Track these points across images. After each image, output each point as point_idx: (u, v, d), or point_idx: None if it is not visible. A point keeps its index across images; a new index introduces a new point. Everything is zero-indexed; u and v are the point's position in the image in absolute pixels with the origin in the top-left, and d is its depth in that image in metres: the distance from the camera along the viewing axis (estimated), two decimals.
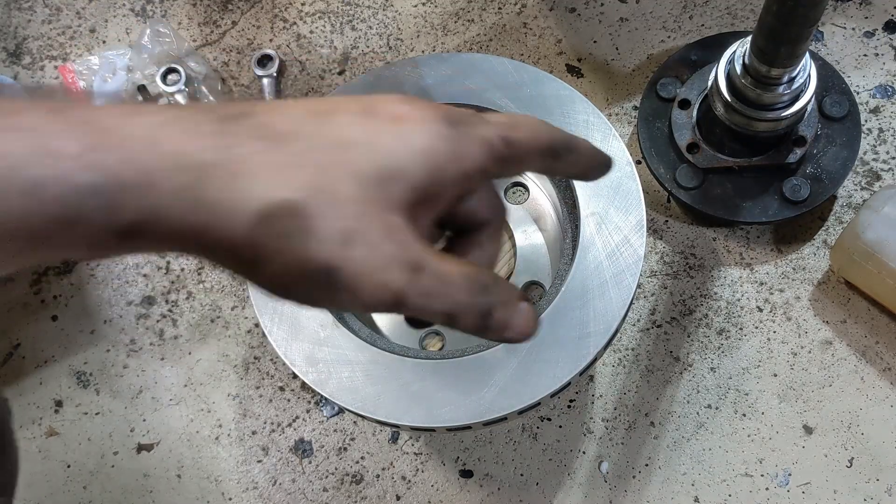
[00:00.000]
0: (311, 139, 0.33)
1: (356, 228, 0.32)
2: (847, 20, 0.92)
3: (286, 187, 0.31)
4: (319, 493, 0.81)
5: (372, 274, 0.32)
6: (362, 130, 0.34)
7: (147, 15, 1.01)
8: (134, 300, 0.89)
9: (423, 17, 0.97)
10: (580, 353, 0.66)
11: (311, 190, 0.32)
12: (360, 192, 0.32)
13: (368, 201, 0.32)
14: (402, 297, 0.33)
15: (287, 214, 0.31)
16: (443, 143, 0.34)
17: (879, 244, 0.75)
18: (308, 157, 0.32)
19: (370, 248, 0.32)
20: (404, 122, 0.34)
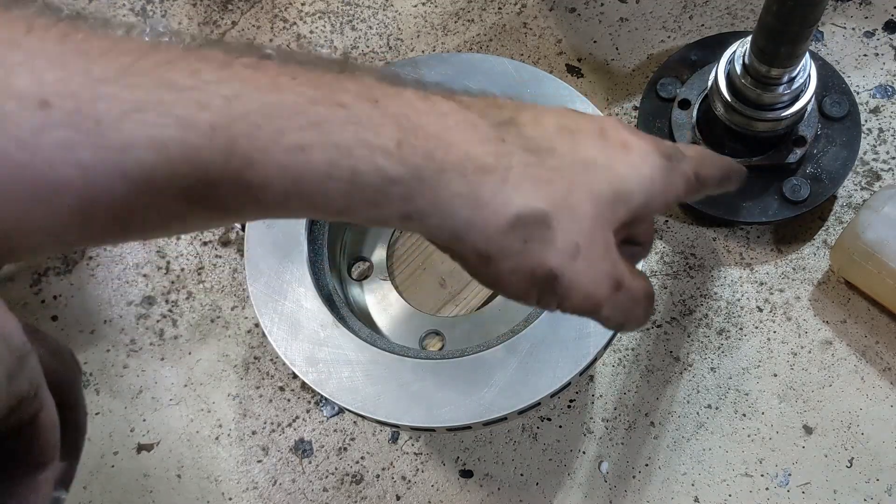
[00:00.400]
0: (563, 157, 0.38)
1: (584, 244, 0.37)
2: (847, 20, 0.92)
3: (540, 198, 0.36)
4: (319, 493, 0.81)
5: (585, 287, 0.38)
6: (602, 153, 0.39)
7: (147, 15, 1.01)
8: (134, 300, 0.89)
9: (423, 17, 0.97)
10: (580, 353, 0.66)
11: (559, 204, 0.37)
12: (594, 211, 0.37)
13: (598, 219, 0.38)
14: (599, 308, 0.39)
15: (536, 222, 0.36)
16: (659, 175, 0.40)
17: (879, 244, 0.75)
18: (560, 175, 0.37)
19: (591, 263, 0.37)
20: (631, 150, 0.39)
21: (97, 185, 0.30)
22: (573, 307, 0.38)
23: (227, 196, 0.32)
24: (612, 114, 0.91)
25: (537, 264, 0.36)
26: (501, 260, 0.36)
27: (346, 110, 0.33)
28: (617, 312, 0.39)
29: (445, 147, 0.35)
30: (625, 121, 0.90)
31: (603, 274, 0.38)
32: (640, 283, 0.40)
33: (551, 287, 0.37)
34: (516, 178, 0.36)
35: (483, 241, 0.36)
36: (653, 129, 0.85)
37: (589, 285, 0.38)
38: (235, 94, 0.32)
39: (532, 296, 0.38)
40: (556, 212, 0.36)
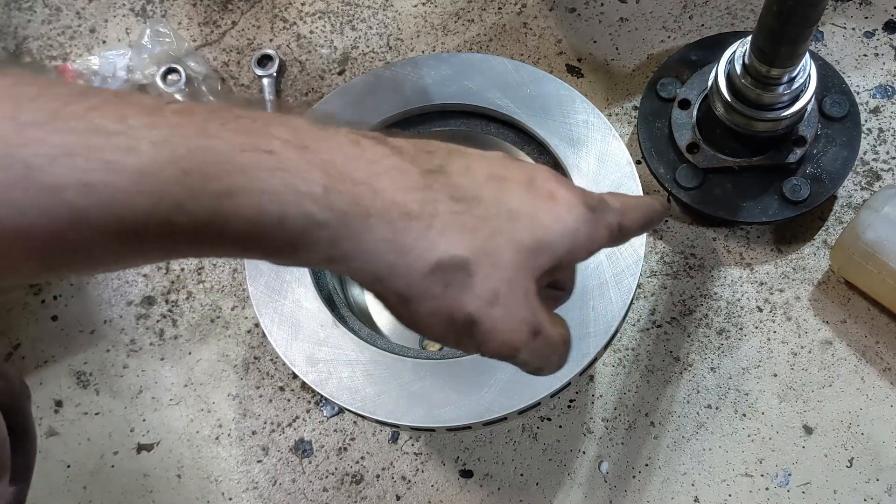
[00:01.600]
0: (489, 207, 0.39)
1: (503, 291, 0.38)
2: (847, 20, 0.92)
3: (462, 246, 0.37)
4: (319, 493, 0.81)
5: (503, 333, 0.38)
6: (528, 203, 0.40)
7: (147, 15, 1.01)
8: (134, 300, 0.89)
9: (423, 17, 0.97)
10: (580, 353, 0.66)
11: (481, 252, 0.38)
12: (516, 259, 0.38)
13: (519, 268, 0.39)
14: (517, 354, 0.39)
15: (457, 268, 0.37)
16: (583, 227, 0.41)
17: (879, 244, 0.75)
18: (484, 223, 0.38)
19: (509, 309, 0.38)
20: (558, 201, 0.40)
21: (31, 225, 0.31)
22: (491, 351, 0.39)
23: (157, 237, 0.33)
24: (612, 114, 0.91)
25: (456, 309, 0.37)
26: (421, 302, 0.37)
27: (275, 157, 0.34)
28: (534, 358, 0.40)
29: (372, 194, 0.36)
30: (624, 121, 0.90)
31: (521, 321, 0.39)
32: (557, 330, 0.41)
33: (469, 332, 0.38)
34: (440, 226, 0.37)
35: (404, 284, 0.37)
36: (653, 128, 0.85)
37: (506, 331, 0.39)
38: (164, 139, 0.32)
39: (451, 339, 0.39)
40: (478, 259, 0.37)
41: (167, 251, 0.35)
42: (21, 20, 1.02)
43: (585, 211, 0.41)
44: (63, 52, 1.00)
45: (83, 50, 1.00)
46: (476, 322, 0.38)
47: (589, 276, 0.68)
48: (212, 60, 0.97)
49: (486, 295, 0.38)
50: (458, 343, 0.39)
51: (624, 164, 0.71)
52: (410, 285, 0.37)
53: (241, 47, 0.98)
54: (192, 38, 0.99)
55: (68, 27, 1.01)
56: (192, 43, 0.98)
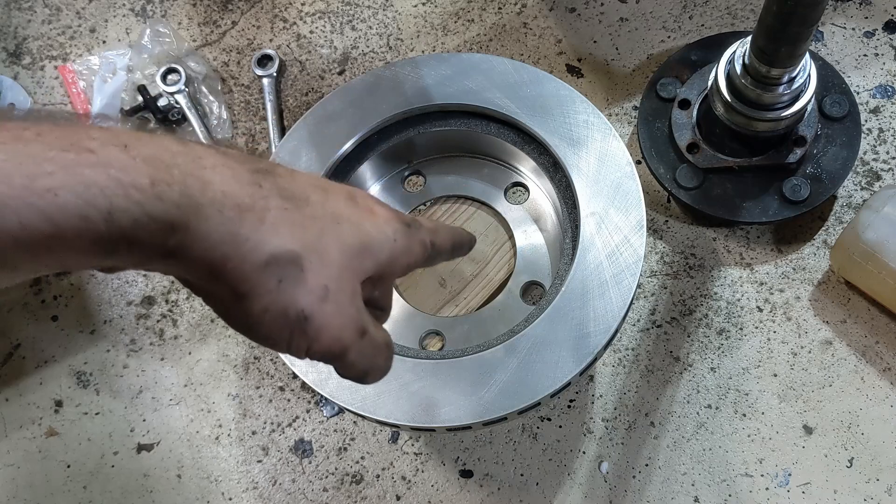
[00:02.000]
0: (316, 208, 0.41)
1: (333, 288, 0.40)
2: (847, 20, 0.92)
3: (294, 241, 0.38)
4: (319, 493, 0.81)
5: (333, 328, 0.40)
6: (352, 212, 0.42)
7: (147, 15, 1.01)
8: (134, 300, 0.89)
9: (423, 17, 0.97)
10: (580, 353, 0.66)
11: (311, 249, 0.39)
12: (342, 259, 0.40)
13: (346, 267, 0.40)
14: (346, 352, 0.41)
15: (290, 262, 0.38)
16: (402, 239, 0.44)
17: (879, 244, 0.75)
18: (313, 222, 0.40)
19: (339, 306, 0.40)
20: (377, 215, 0.44)
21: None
22: (322, 349, 0.40)
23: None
24: (612, 114, 0.91)
25: (290, 303, 0.38)
26: (255, 298, 0.38)
27: (95, 155, 0.34)
28: (361, 358, 0.42)
29: (202, 185, 0.36)
30: (624, 121, 0.90)
31: (349, 318, 0.40)
32: (382, 333, 0.44)
33: (302, 328, 0.39)
34: (273, 220, 0.38)
35: (239, 277, 0.37)
36: (653, 128, 0.85)
37: (337, 328, 0.40)
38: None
39: (283, 337, 0.39)
40: (309, 255, 0.39)
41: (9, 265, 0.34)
42: (21, 20, 1.02)
43: (402, 226, 0.45)
44: (63, 52, 1.00)
45: (83, 50, 1.00)
46: (308, 318, 0.39)
47: (589, 276, 0.68)
48: (212, 60, 0.97)
49: (317, 291, 0.39)
50: (290, 342, 0.40)
51: (624, 164, 0.71)
52: (245, 279, 0.37)
53: (241, 47, 0.98)
54: (192, 38, 0.99)
55: (68, 27, 1.01)
56: (192, 43, 0.98)
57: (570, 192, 0.73)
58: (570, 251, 0.72)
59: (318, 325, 0.39)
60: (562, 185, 0.74)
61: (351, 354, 0.41)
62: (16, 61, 1.00)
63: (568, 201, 0.74)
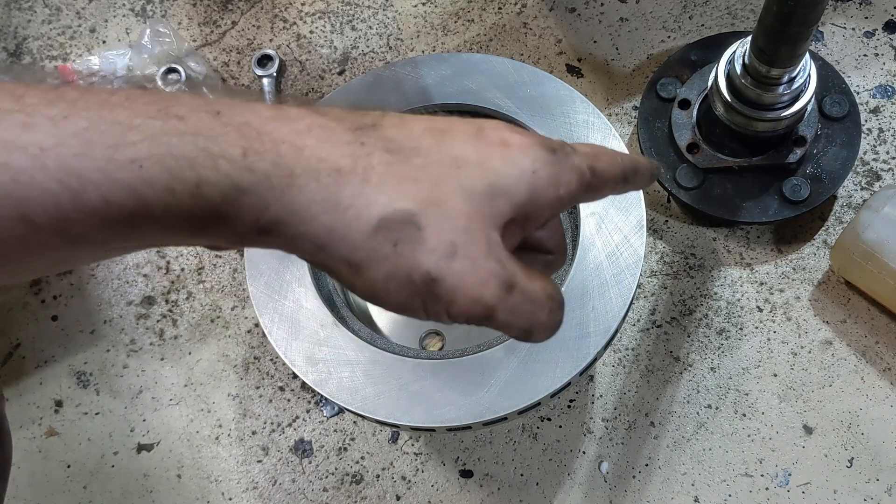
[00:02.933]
0: (429, 155, 0.35)
1: (461, 242, 0.34)
2: (847, 20, 0.92)
3: (405, 198, 0.34)
4: (319, 493, 0.81)
5: (470, 288, 0.34)
6: (474, 150, 0.36)
7: (147, 15, 1.01)
8: (134, 300, 0.89)
9: (423, 17, 0.97)
10: (580, 353, 0.66)
11: (426, 202, 0.34)
12: (468, 208, 0.35)
13: (474, 216, 0.35)
14: (493, 312, 0.35)
15: (403, 223, 0.34)
16: (544, 169, 0.36)
17: (879, 244, 0.75)
18: (426, 172, 0.35)
19: (472, 262, 0.34)
20: (510, 146, 0.36)
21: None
22: (463, 313, 0.35)
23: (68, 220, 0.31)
24: (612, 114, 0.91)
25: (412, 267, 0.34)
26: (372, 267, 0.34)
27: (184, 122, 0.32)
28: (515, 317, 0.36)
29: (295, 151, 0.33)
30: (624, 121, 0.90)
31: (488, 273, 0.35)
32: (538, 283, 0.36)
33: (432, 292, 0.34)
34: (378, 179, 0.34)
35: (349, 248, 0.34)
36: (653, 128, 0.85)
37: (474, 286, 0.35)
38: (63, 114, 0.31)
39: (416, 305, 0.35)
40: (425, 210, 0.34)
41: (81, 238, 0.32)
42: (21, 20, 1.02)
43: (544, 152, 0.37)
44: (63, 52, 1.00)
45: (83, 50, 1.00)
46: (436, 279, 0.34)
47: (589, 276, 0.68)
48: (212, 60, 0.97)
49: (442, 248, 0.34)
50: (426, 309, 0.35)
51: None
52: (356, 248, 0.34)
53: (241, 47, 0.98)
54: (192, 38, 0.99)
55: (68, 27, 1.01)
56: (192, 43, 0.98)
57: None
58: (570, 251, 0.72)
59: (450, 287, 0.34)
60: None
61: (500, 314, 0.35)
62: (16, 61, 1.00)
63: None
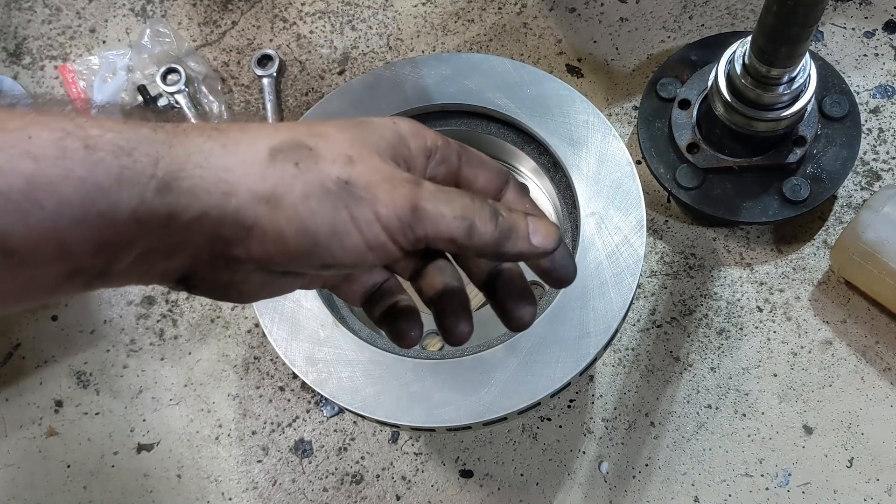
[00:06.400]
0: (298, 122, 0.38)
1: (355, 154, 0.36)
2: (847, 20, 0.92)
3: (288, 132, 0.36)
4: (319, 493, 0.81)
5: (382, 183, 0.35)
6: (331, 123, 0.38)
7: (147, 15, 1.01)
8: (134, 300, 0.89)
9: (423, 17, 0.97)
10: (580, 353, 0.66)
11: (308, 134, 0.36)
12: (347, 135, 0.37)
13: (355, 142, 0.37)
14: (417, 200, 0.36)
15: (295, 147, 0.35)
16: (402, 122, 0.40)
17: (879, 244, 0.75)
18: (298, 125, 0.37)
19: (372, 165, 0.36)
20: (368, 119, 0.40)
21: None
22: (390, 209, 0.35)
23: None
24: (612, 114, 0.91)
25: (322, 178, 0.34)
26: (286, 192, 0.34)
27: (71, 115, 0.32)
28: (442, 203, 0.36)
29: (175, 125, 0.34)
30: (624, 121, 0.90)
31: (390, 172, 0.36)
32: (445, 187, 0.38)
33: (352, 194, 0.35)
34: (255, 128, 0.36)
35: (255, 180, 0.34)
36: (653, 128, 0.85)
37: (385, 181, 0.35)
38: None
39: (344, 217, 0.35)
40: (310, 139, 0.36)
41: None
42: (21, 20, 1.02)
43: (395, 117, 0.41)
44: (63, 52, 1.00)
45: (83, 50, 1.00)
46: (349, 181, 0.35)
47: (589, 276, 0.68)
48: (212, 60, 0.97)
49: (340, 159, 0.35)
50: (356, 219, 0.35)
51: (624, 164, 0.71)
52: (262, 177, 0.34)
53: (241, 47, 0.98)
54: (192, 38, 0.99)
55: (68, 27, 1.01)
56: (192, 43, 0.98)
57: (569, 192, 0.72)
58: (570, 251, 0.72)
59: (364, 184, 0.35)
60: (562, 185, 0.74)
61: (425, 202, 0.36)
62: (16, 61, 1.00)
63: (568, 201, 0.74)
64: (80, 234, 0.31)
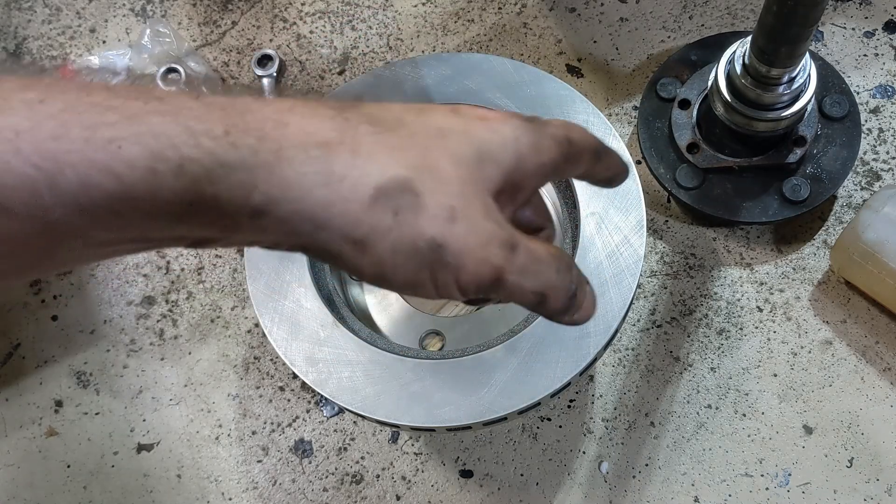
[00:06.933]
0: (413, 126, 0.35)
1: (459, 206, 0.34)
2: (847, 20, 0.92)
3: (398, 165, 0.33)
4: (319, 493, 0.81)
5: (475, 249, 0.34)
6: (456, 122, 0.36)
7: (147, 15, 1.01)
8: (134, 300, 0.89)
9: (423, 17, 0.97)
10: (580, 353, 0.66)
11: (419, 169, 0.34)
12: (460, 172, 0.35)
13: (467, 181, 0.35)
14: (501, 273, 0.35)
15: (401, 190, 0.33)
16: (525, 136, 0.37)
17: (879, 244, 0.75)
18: (413, 141, 0.35)
19: (472, 224, 0.34)
20: (489, 119, 0.37)
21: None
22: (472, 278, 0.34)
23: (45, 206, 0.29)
24: (612, 114, 0.91)
25: (416, 235, 0.33)
26: (377, 241, 0.33)
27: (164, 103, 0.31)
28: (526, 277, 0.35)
29: (280, 127, 0.32)
30: (624, 121, 0.90)
31: (490, 234, 0.34)
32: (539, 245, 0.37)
33: (440, 259, 0.34)
34: (367, 149, 0.33)
35: (350, 223, 0.33)
36: (653, 128, 0.85)
37: (478, 247, 0.34)
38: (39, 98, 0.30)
39: (424, 276, 0.34)
40: (419, 176, 0.34)
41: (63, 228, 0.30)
42: (21, 20, 1.02)
43: (522, 122, 0.38)
44: (63, 52, 1.00)
45: (83, 50, 1.00)
46: (442, 245, 0.33)
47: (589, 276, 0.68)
48: (212, 60, 0.97)
49: (442, 213, 0.33)
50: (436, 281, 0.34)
51: None
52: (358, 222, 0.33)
53: (241, 47, 0.98)
54: (192, 38, 0.99)
55: (68, 27, 1.01)
56: (192, 43, 0.98)
57: (569, 192, 0.72)
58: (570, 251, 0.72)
59: (456, 251, 0.34)
60: (561, 185, 0.74)
61: (510, 276, 0.35)
62: (16, 61, 1.00)
63: (567, 201, 0.74)
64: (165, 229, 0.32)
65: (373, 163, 0.33)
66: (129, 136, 0.30)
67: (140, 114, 0.30)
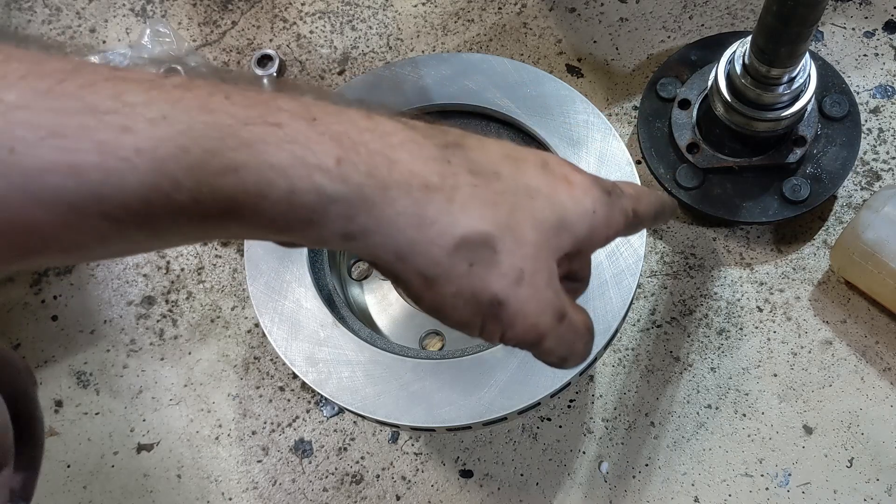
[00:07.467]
0: (507, 181, 0.37)
1: (528, 270, 0.37)
2: (847, 20, 0.92)
3: (485, 220, 0.36)
4: (319, 493, 0.81)
5: (530, 316, 0.37)
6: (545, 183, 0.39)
7: (147, 15, 1.01)
8: (134, 300, 0.89)
9: (423, 17, 0.97)
10: None
11: (502, 227, 0.36)
12: (538, 237, 0.37)
13: (542, 246, 0.37)
14: (542, 340, 0.38)
15: (482, 244, 0.36)
16: (601, 210, 0.40)
17: (879, 244, 0.75)
18: (504, 198, 0.37)
19: (535, 291, 0.37)
20: (573, 184, 0.40)
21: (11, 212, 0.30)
22: (516, 337, 0.38)
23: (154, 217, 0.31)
24: (612, 114, 0.91)
25: (481, 289, 0.36)
26: (445, 283, 0.36)
27: (282, 130, 0.33)
28: (560, 345, 0.39)
29: (389, 164, 0.34)
30: (624, 121, 0.90)
31: (547, 303, 0.37)
32: (582, 316, 0.40)
33: (495, 314, 0.37)
34: (462, 199, 0.36)
35: (428, 262, 0.35)
36: (653, 128, 0.85)
37: (533, 314, 0.37)
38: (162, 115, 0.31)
39: (475, 324, 0.37)
40: (501, 235, 0.36)
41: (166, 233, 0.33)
42: (21, 20, 1.02)
43: (602, 194, 0.40)
44: None
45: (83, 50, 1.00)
46: (502, 303, 0.36)
47: None
48: (212, 60, 0.97)
49: (511, 274, 0.36)
50: (483, 328, 0.37)
51: (624, 164, 0.71)
52: (435, 263, 0.35)
53: (241, 47, 0.98)
54: (192, 38, 0.99)
55: (68, 27, 1.01)
56: (192, 43, 0.98)
57: None
58: None
59: (513, 312, 0.36)
60: None
61: (548, 342, 0.38)
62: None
63: None
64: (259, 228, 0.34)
65: (464, 214, 0.35)
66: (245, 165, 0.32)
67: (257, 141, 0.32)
